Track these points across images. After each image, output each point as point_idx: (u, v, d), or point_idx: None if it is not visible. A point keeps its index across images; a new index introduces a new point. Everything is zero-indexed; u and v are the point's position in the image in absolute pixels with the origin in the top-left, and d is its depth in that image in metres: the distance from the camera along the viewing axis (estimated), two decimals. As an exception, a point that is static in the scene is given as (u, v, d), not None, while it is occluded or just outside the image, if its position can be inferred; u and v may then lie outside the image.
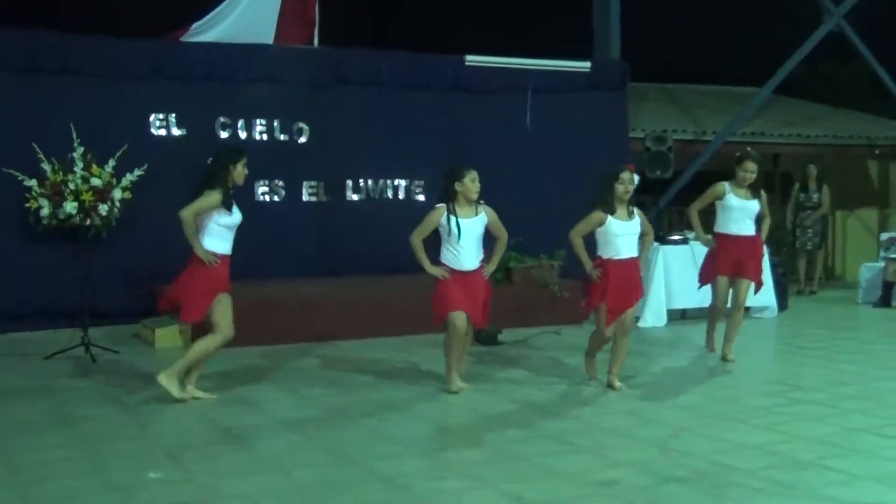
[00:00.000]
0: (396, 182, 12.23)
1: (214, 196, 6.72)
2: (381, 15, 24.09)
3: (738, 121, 15.03)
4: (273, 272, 11.01)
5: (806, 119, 17.47)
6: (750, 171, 7.92)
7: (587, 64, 13.30)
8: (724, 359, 8.15)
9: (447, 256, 6.86)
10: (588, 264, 6.96)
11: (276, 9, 11.81)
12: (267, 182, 11.43)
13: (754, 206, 8.01)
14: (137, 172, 9.16)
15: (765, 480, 4.69)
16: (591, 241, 7.08)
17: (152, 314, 9.44)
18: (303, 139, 11.66)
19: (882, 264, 12.55)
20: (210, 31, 11.46)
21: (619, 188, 6.90)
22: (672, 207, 15.47)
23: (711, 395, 6.82)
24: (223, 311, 6.78)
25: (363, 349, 8.95)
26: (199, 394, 6.78)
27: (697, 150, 15.12)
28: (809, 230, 13.69)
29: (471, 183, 6.79)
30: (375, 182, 12.09)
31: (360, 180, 12.02)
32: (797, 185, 14.04)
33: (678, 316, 10.93)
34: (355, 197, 12.00)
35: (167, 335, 9.18)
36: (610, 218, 6.88)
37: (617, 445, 5.37)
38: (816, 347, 8.99)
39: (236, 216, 6.88)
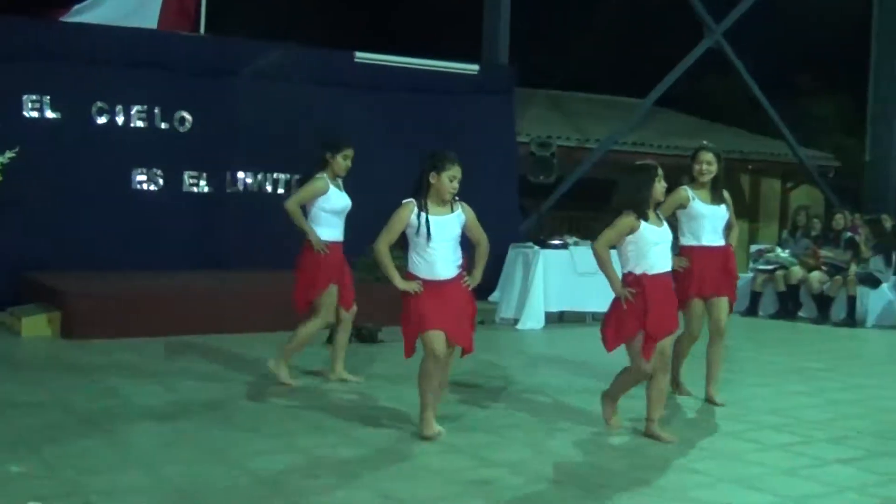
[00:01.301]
0: (277, 176, 12.10)
1: (318, 183, 6.91)
2: (274, 6, 23.75)
3: (620, 130, 15.37)
4: (149, 263, 10.76)
5: (684, 132, 18.00)
6: (707, 161, 6.66)
7: (475, 67, 13.41)
8: (710, 402, 6.80)
9: (417, 264, 5.63)
10: (617, 282, 5.62)
11: (160, -7, 11.57)
12: (145, 170, 11.16)
13: (724, 212, 6.71)
14: (8, 155, 8.82)
15: (633, 481, 4.79)
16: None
17: (19, 302, 9.09)
18: (185, 128, 11.42)
19: (751, 275, 13.01)
20: (91, 12, 11.14)
21: (658, 187, 5.74)
22: (554, 212, 15.72)
23: (583, 396, 6.91)
24: (328, 296, 6.97)
25: (240, 343, 8.79)
26: (348, 376, 7.14)
27: (580, 157, 15.41)
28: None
29: (448, 182, 5.60)
30: (255, 175, 11.93)
31: (242, 172, 11.85)
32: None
33: (556, 318, 11.12)
34: (236, 189, 11.82)
35: (33, 324, 8.86)
36: (643, 223, 5.62)
37: (491, 445, 5.40)
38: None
39: (341, 201, 7.02)
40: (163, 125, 11.28)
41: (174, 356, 8.12)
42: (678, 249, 6.57)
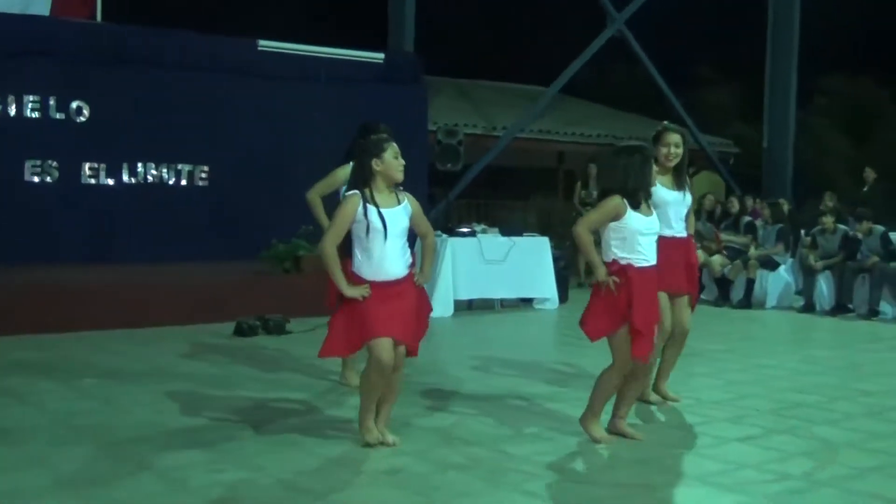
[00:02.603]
0: (180, 167, 11.88)
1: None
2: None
3: (526, 118, 15.49)
4: (45, 256, 10.47)
5: (589, 119, 18.23)
6: (674, 144, 6.03)
7: (381, 55, 13.36)
8: (664, 397, 6.39)
9: (363, 263, 5.05)
10: (601, 269, 5.16)
11: (52, -21, 11.24)
12: (39, 162, 10.83)
13: (688, 199, 6.15)
14: None
15: (538, 466, 4.83)
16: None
17: None
18: (82, 118, 11.12)
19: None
20: (-21, -1, 10.75)
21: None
22: (461, 200, 15.77)
23: (493, 384, 6.97)
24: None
25: (141, 338, 8.62)
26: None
27: (487, 145, 15.48)
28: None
29: (394, 159, 5.06)
30: (157, 166, 11.70)
31: (143, 164, 11.60)
32: (579, 183, 14.61)
33: (465, 306, 11.16)
34: (137, 180, 11.57)
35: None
36: (630, 211, 5.16)
37: (399, 434, 5.39)
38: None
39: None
40: (58, 115, 10.96)
41: (73, 352, 7.91)
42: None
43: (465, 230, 11.37)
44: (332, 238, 5.05)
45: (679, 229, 6.11)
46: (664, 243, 5.60)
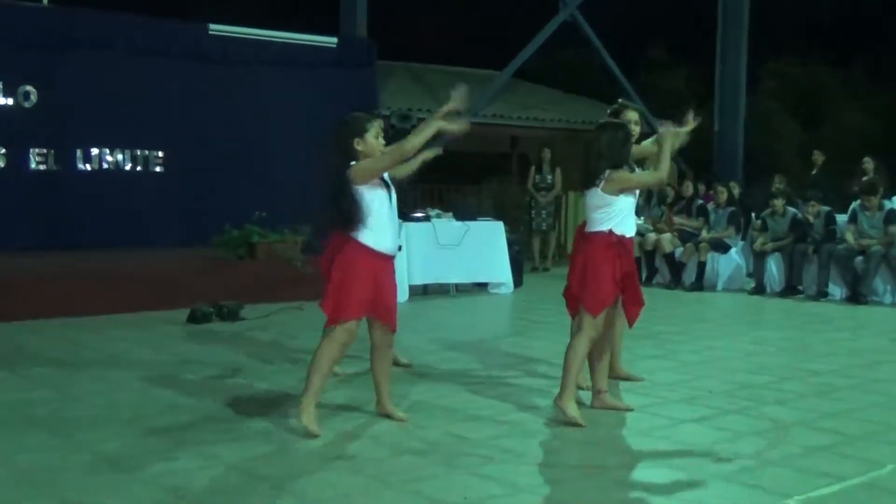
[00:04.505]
0: (134, 152, 11.75)
1: None
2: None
3: (478, 103, 15.49)
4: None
5: (542, 104, 18.27)
6: (634, 121, 6.10)
7: (333, 39, 13.29)
8: (627, 378, 6.48)
9: (375, 233, 5.06)
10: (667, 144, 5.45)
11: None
12: (-13, 148, 10.66)
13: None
14: None
15: (494, 449, 4.86)
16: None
17: None
18: (29, 103, 10.93)
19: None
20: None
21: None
22: (416, 185, 15.72)
23: (447, 368, 6.99)
24: None
25: (94, 326, 8.53)
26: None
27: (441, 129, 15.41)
28: (544, 211, 14.33)
29: (375, 140, 5.08)
30: (112, 151, 11.55)
31: (94, 149, 11.46)
32: (533, 167, 14.65)
33: (420, 291, 11.18)
34: (88, 167, 11.41)
35: None
36: None
37: (353, 419, 5.40)
38: (549, 322, 9.42)
39: None
40: (5, 101, 10.77)
41: (26, 341, 7.80)
42: None
43: (419, 215, 11.36)
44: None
45: (630, 228, 5.89)
46: (622, 244, 5.54)
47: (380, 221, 5.03)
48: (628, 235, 5.49)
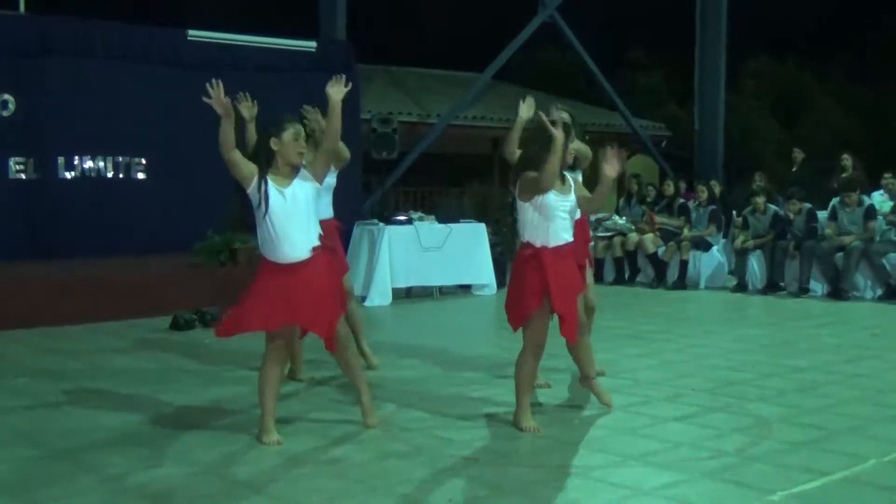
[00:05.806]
0: (115, 160, 11.67)
1: None
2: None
3: (459, 105, 15.51)
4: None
5: (523, 105, 18.20)
6: (562, 120, 5.85)
7: (312, 44, 13.26)
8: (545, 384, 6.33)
9: (265, 243, 5.16)
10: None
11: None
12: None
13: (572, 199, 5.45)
14: None
15: (479, 451, 4.86)
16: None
17: None
18: (7, 112, 10.86)
19: (592, 243, 13.37)
20: None
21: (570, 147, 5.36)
22: (398, 188, 15.74)
23: (432, 371, 6.99)
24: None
25: (75, 335, 8.48)
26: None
27: (422, 132, 15.45)
28: (525, 211, 14.31)
29: (293, 140, 5.04)
30: (93, 159, 11.48)
31: (75, 157, 11.38)
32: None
33: (403, 294, 11.17)
34: (69, 175, 11.34)
35: None
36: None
37: (337, 424, 5.38)
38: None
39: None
40: (-17, 109, 10.71)
41: (8, 350, 7.77)
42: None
43: (401, 218, 11.36)
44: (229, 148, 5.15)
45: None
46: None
47: (271, 233, 5.05)
48: (551, 245, 5.20)
